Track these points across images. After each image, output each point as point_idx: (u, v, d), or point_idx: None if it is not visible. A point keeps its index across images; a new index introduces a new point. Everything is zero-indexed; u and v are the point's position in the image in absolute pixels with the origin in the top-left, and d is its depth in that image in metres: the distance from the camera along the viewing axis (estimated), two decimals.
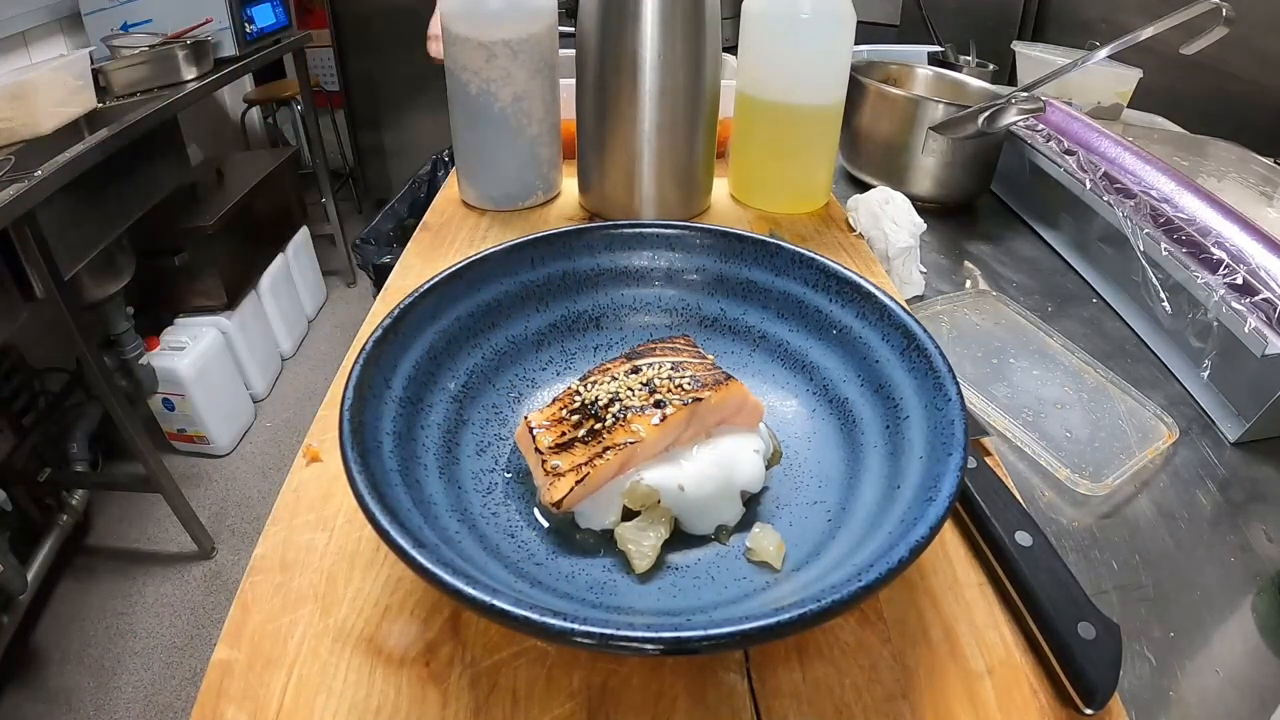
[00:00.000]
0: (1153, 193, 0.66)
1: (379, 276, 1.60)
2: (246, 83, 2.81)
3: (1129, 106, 1.04)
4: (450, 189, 0.73)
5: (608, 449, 0.35)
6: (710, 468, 0.36)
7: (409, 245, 0.64)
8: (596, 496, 0.35)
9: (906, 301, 0.64)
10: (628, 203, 0.67)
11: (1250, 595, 0.42)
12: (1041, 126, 0.82)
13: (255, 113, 2.92)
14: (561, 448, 0.35)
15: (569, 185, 0.73)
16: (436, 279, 0.41)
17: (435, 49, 0.98)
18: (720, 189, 0.74)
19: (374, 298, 0.60)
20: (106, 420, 1.54)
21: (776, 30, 0.64)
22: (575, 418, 0.37)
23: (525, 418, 0.37)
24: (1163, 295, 0.61)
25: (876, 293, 0.41)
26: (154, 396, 1.75)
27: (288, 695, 0.30)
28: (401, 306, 0.39)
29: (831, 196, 0.73)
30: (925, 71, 0.95)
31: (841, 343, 0.43)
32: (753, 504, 0.38)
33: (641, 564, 0.34)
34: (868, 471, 0.37)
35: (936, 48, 1.24)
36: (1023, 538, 0.36)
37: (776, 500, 0.38)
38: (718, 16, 0.62)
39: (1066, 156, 0.76)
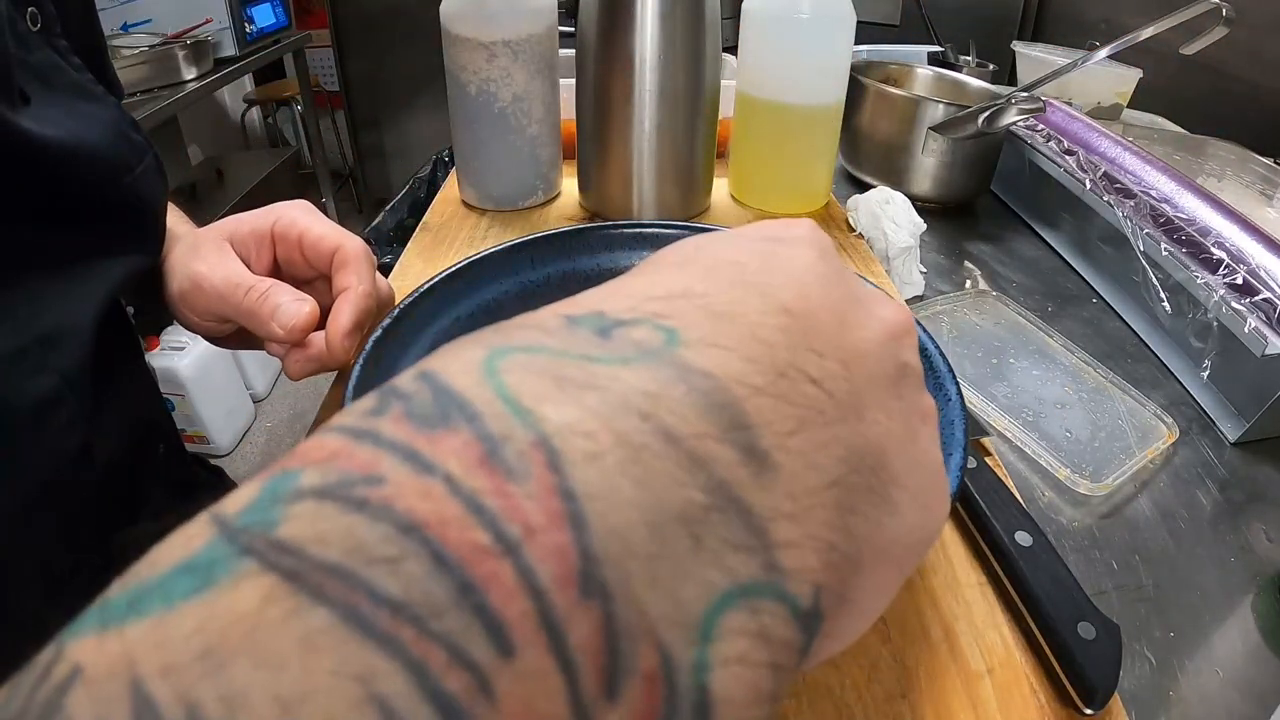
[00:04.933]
0: (1153, 193, 0.66)
1: None
2: (246, 83, 2.81)
3: (1129, 106, 1.04)
4: (450, 189, 0.73)
5: None
6: None
7: (409, 245, 0.64)
8: None
9: (906, 301, 0.64)
10: (627, 203, 0.67)
11: (1250, 595, 0.42)
12: (1041, 126, 0.82)
13: (255, 113, 2.92)
14: None
15: (569, 185, 0.73)
16: (436, 279, 0.41)
17: None
18: (720, 189, 0.74)
19: None
20: None
21: (776, 30, 0.64)
22: None
23: None
24: (1163, 295, 0.61)
25: None
26: None
27: None
28: (401, 306, 0.39)
29: (831, 196, 0.73)
30: (925, 71, 0.95)
31: None
32: None
33: None
34: None
35: (936, 48, 1.24)
36: (1023, 538, 0.36)
37: None
38: (718, 16, 0.62)
39: (1066, 156, 0.76)
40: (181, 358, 1.73)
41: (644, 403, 0.12)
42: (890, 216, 0.66)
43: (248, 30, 1.92)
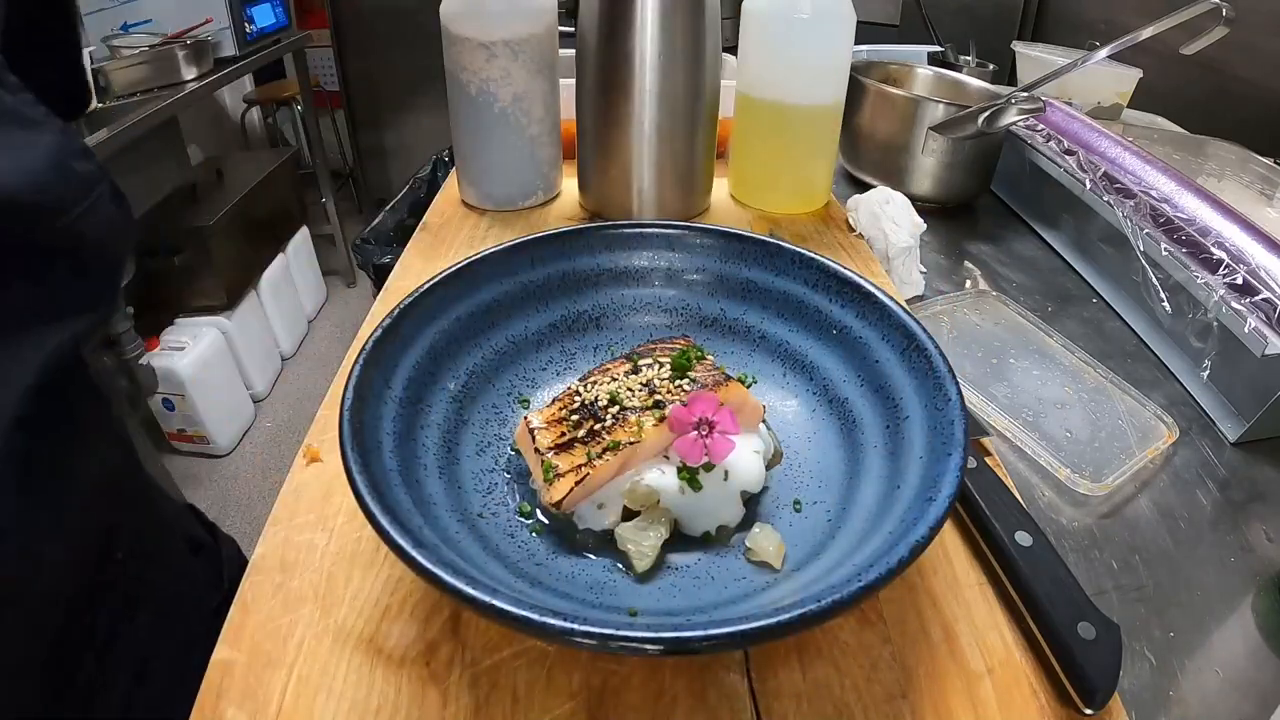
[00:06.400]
0: (1153, 193, 0.66)
1: (379, 276, 1.60)
2: (246, 83, 2.81)
3: (1129, 106, 1.04)
4: (450, 189, 0.73)
5: (607, 449, 0.35)
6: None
7: (409, 245, 0.64)
8: (596, 496, 0.35)
9: (906, 301, 0.64)
10: (627, 203, 0.67)
11: (1250, 595, 0.42)
12: (1041, 126, 0.82)
13: (255, 113, 2.92)
14: (561, 448, 0.35)
15: (569, 185, 0.73)
16: (436, 279, 0.41)
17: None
18: (720, 189, 0.74)
19: (374, 298, 0.60)
20: None
21: (776, 30, 0.64)
22: (575, 418, 0.37)
23: (525, 418, 0.37)
24: (1163, 295, 0.61)
25: (876, 293, 0.41)
26: (154, 397, 1.75)
27: (287, 695, 0.30)
28: (401, 306, 0.39)
29: (831, 196, 0.73)
30: (925, 71, 0.95)
31: (841, 343, 0.43)
32: (753, 504, 0.38)
33: (641, 564, 0.34)
34: (868, 471, 0.37)
35: (936, 48, 1.24)
36: (1023, 538, 0.36)
37: (776, 500, 0.38)
38: (718, 16, 0.62)
39: (1066, 156, 0.76)
40: (181, 358, 1.73)
41: None
42: (890, 216, 0.66)
43: (248, 30, 1.92)
